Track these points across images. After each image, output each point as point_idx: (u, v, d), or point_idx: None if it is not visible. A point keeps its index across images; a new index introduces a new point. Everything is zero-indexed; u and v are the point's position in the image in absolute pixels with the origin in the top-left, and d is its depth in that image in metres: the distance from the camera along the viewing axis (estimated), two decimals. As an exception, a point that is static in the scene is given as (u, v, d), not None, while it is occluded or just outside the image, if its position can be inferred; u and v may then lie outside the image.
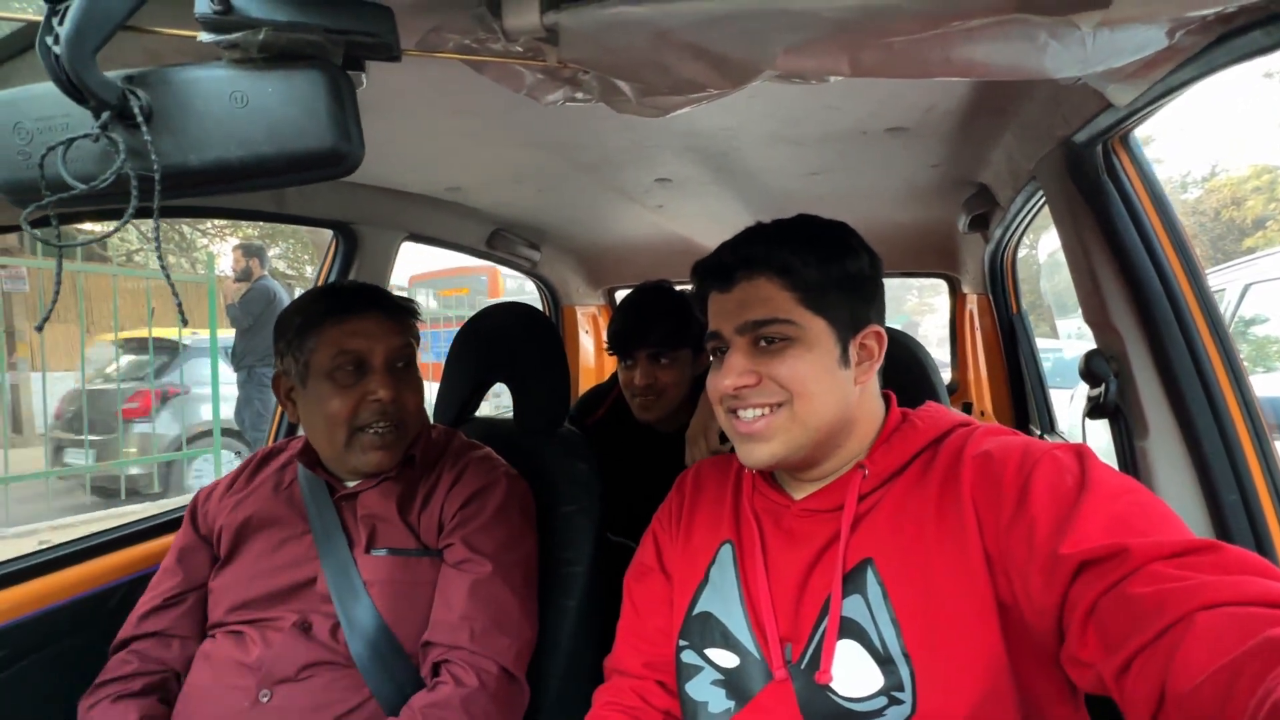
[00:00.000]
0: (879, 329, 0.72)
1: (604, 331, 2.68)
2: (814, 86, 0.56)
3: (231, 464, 4.75)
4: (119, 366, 5.06)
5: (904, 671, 0.60)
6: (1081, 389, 0.96)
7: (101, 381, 5.12)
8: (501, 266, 2.19)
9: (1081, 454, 0.60)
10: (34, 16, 0.42)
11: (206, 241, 10.47)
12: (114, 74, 0.42)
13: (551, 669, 0.99)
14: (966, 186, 1.47)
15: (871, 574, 0.64)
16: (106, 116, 0.41)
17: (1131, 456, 0.89)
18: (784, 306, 0.68)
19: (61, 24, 0.39)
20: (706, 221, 1.77)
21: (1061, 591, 0.53)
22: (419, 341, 1.03)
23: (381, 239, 1.48)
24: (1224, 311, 3.36)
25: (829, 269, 0.69)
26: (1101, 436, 0.97)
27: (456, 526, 0.95)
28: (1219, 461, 0.79)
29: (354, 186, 1.35)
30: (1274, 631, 0.41)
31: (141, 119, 0.42)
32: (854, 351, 0.70)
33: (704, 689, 0.71)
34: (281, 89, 0.43)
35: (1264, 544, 0.76)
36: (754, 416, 0.68)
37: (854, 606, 0.64)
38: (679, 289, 1.51)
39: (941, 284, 2.50)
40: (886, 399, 0.76)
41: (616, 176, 1.40)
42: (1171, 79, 0.58)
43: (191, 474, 4.90)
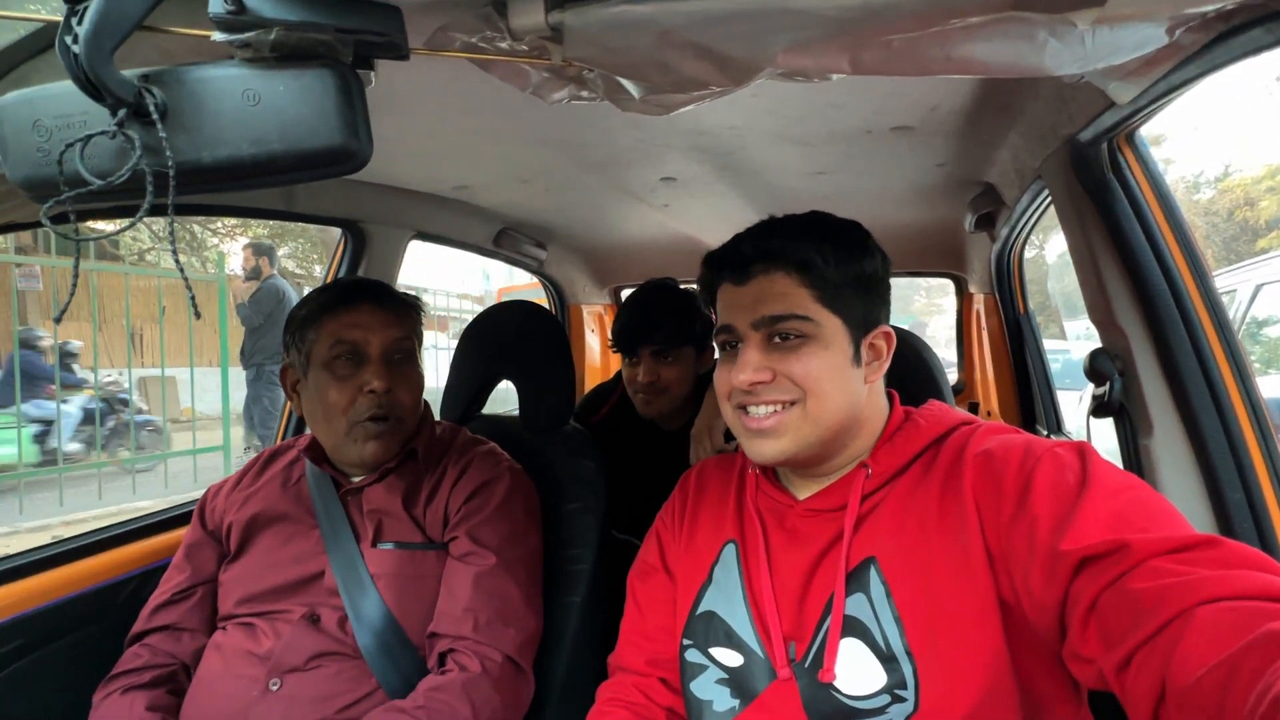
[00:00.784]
0: (888, 329, 0.72)
1: (610, 331, 2.69)
2: (818, 85, 0.57)
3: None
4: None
5: (907, 669, 0.61)
6: (1089, 390, 0.96)
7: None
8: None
9: (1083, 451, 0.60)
10: (52, 17, 0.43)
11: (217, 241, 10.56)
12: (130, 73, 0.43)
13: (555, 664, 0.99)
14: (972, 186, 1.47)
15: (874, 572, 0.64)
16: (123, 114, 0.42)
17: (1136, 455, 0.88)
18: (802, 303, 0.68)
19: (80, 24, 0.40)
20: (712, 221, 1.78)
21: (1063, 588, 0.53)
22: (421, 338, 1.04)
23: (389, 237, 1.49)
24: (1235, 312, 3.33)
25: (847, 268, 0.69)
26: (1108, 437, 0.97)
27: (461, 520, 0.96)
28: (1223, 460, 0.79)
29: (362, 185, 1.37)
30: (1273, 625, 0.41)
31: (157, 116, 0.43)
32: (865, 351, 0.70)
33: (708, 688, 0.71)
34: (292, 87, 0.44)
35: (1268, 542, 0.76)
36: (766, 413, 0.68)
37: (857, 605, 0.64)
38: (684, 287, 1.51)
39: (950, 284, 2.50)
40: (890, 398, 0.76)
41: (623, 175, 1.40)
42: (1173, 77, 0.58)
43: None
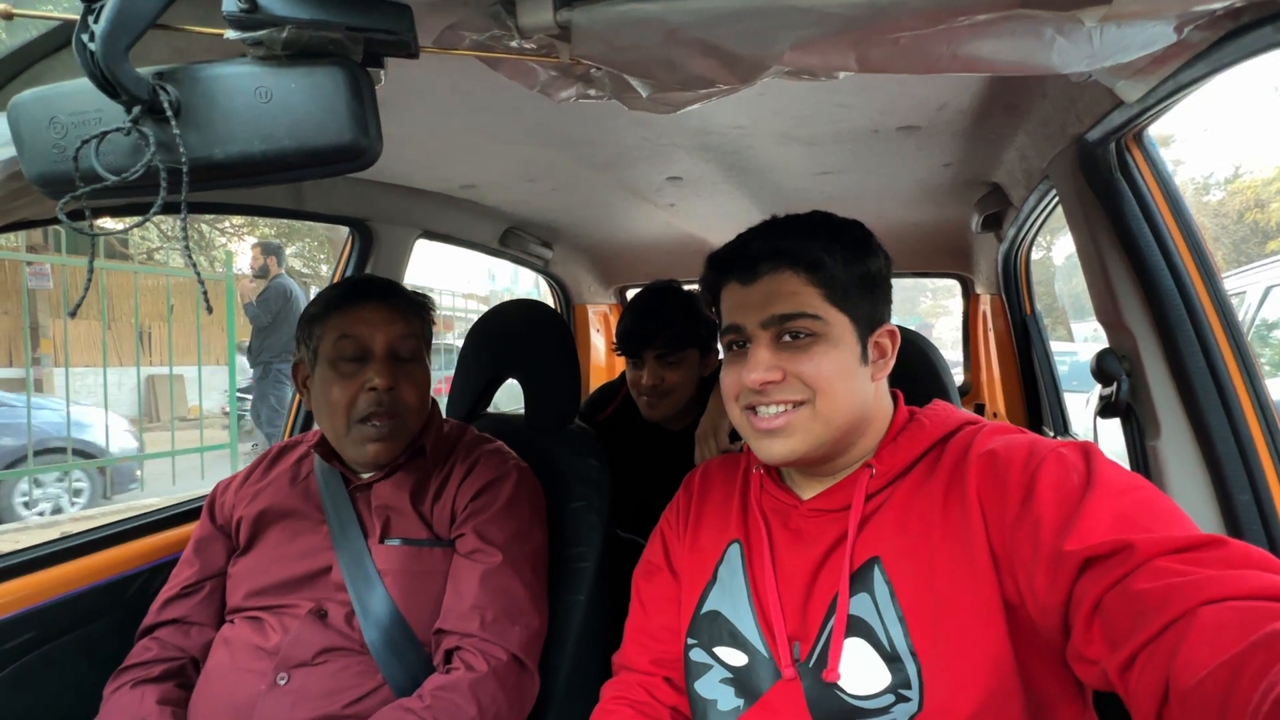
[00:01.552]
0: (892, 328, 0.73)
1: (615, 330, 2.69)
2: (825, 84, 0.57)
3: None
4: None
5: (911, 669, 0.61)
6: (1097, 392, 0.95)
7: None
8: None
9: (1087, 451, 0.60)
10: (68, 15, 0.44)
11: (225, 240, 10.63)
12: (145, 70, 0.44)
13: (560, 663, 1.00)
14: (979, 186, 1.47)
15: (878, 572, 0.64)
16: (138, 111, 0.43)
17: (1143, 456, 0.88)
18: (811, 302, 0.68)
19: (97, 22, 0.40)
20: (718, 220, 1.78)
21: (1066, 588, 0.53)
22: (429, 336, 1.04)
23: (396, 236, 1.50)
24: (1245, 314, 3.30)
25: (853, 267, 0.69)
26: (1116, 440, 0.96)
27: (468, 517, 0.96)
28: (1232, 461, 0.78)
29: (370, 184, 1.37)
30: (1278, 625, 0.41)
31: (171, 113, 0.43)
32: (870, 349, 0.70)
33: (713, 687, 0.71)
34: (304, 85, 0.45)
35: (1276, 544, 0.75)
36: (775, 413, 0.68)
37: (861, 605, 0.64)
38: (687, 289, 1.51)
39: (956, 286, 2.49)
40: (894, 398, 0.76)
41: (629, 175, 1.41)
42: (1182, 75, 0.58)
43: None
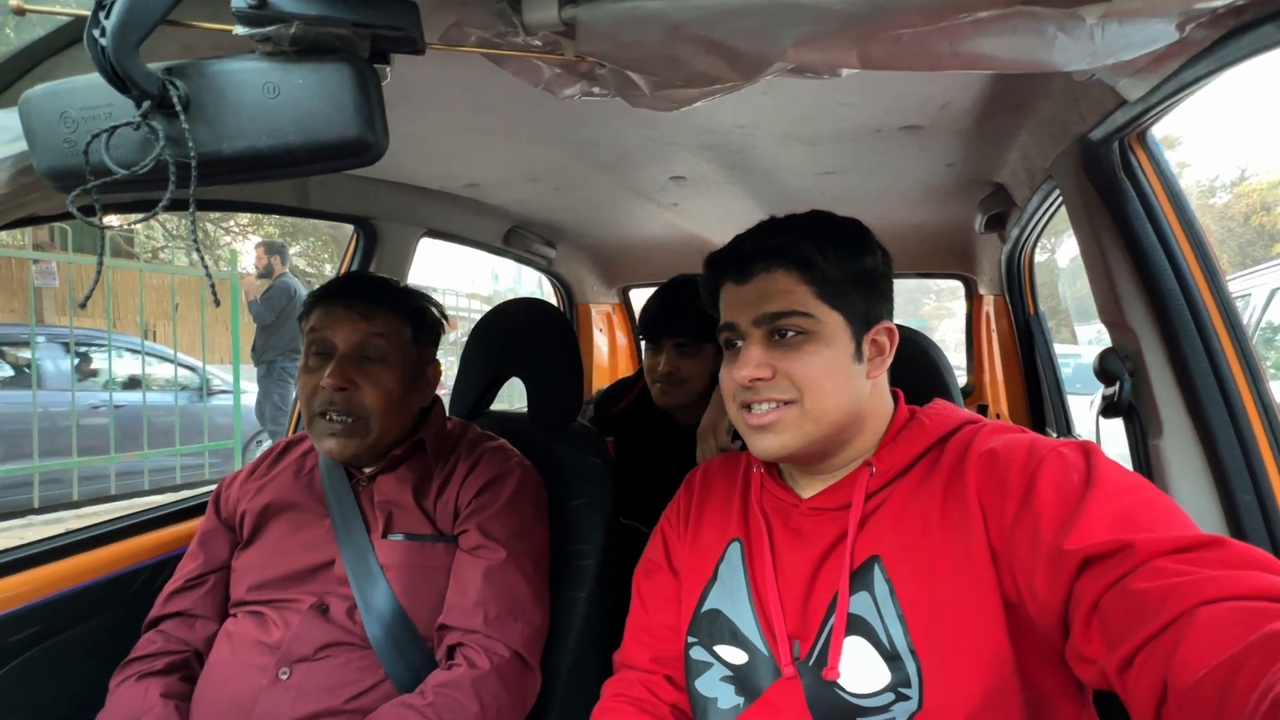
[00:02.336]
0: (890, 325, 0.73)
1: (618, 330, 2.70)
2: (828, 83, 0.57)
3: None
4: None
5: (911, 667, 0.61)
6: (1101, 394, 0.95)
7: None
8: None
9: (1088, 450, 0.60)
10: (79, 11, 0.45)
11: (230, 239, 10.68)
12: (154, 65, 0.44)
13: (561, 659, 1.00)
14: (982, 186, 1.46)
15: (878, 571, 0.65)
16: (147, 106, 0.44)
17: (1145, 455, 0.88)
18: (802, 300, 0.68)
19: (108, 18, 0.41)
20: (721, 220, 1.78)
21: (1066, 588, 0.53)
22: (423, 338, 1.02)
23: (400, 234, 1.50)
24: (1249, 317, 3.28)
25: (847, 264, 0.70)
26: (1120, 442, 0.96)
27: (471, 513, 0.96)
28: (1234, 461, 0.78)
29: (375, 182, 1.38)
30: (1276, 626, 0.41)
31: (180, 108, 0.44)
32: (867, 347, 0.71)
33: (713, 685, 0.71)
34: (311, 80, 0.45)
35: (1279, 545, 0.75)
36: (765, 410, 0.69)
37: (861, 604, 0.64)
38: None
39: (960, 288, 2.49)
40: (895, 396, 0.76)
41: (632, 174, 1.41)
42: (1185, 74, 0.58)
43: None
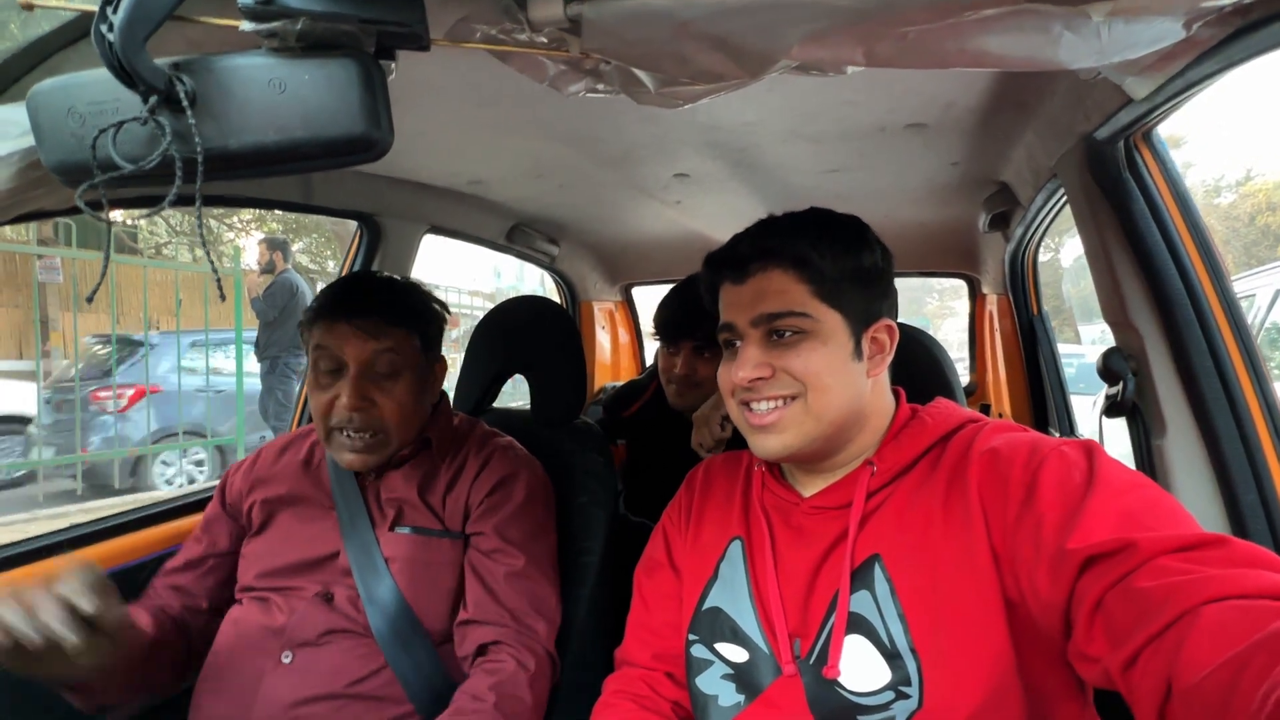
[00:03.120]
0: (890, 323, 0.73)
1: (620, 327, 2.70)
2: (833, 81, 0.57)
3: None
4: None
5: (911, 666, 0.61)
6: (1104, 394, 0.95)
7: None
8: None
9: (1090, 449, 0.60)
10: (87, 6, 0.45)
11: (233, 236, 10.70)
12: (162, 61, 0.44)
13: (563, 655, 1.00)
14: (987, 184, 1.46)
15: (879, 570, 0.65)
16: (154, 101, 0.44)
17: (1149, 455, 0.88)
18: (799, 299, 0.68)
19: (116, 13, 0.41)
20: (724, 218, 1.78)
21: (1068, 587, 0.53)
22: (430, 343, 1.01)
23: (404, 231, 1.51)
24: (1254, 317, 3.27)
25: (844, 262, 0.69)
26: (1124, 442, 0.96)
27: (485, 514, 0.96)
28: (1238, 461, 0.78)
29: (378, 178, 1.38)
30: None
31: (187, 104, 0.44)
32: (866, 344, 0.70)
33: (714, 683, 0.71)
34: (317, 76, 0.45)
35: (1283, 545, 0.75)
36: (767, 409, 0.69)
37: (862, 602, 0.64)
38: None
39: (963, 287, 2.48)
40: (896, 395, 0.76)
41: (636, 172, 1.41)
42: (1191, 73, 0.58)
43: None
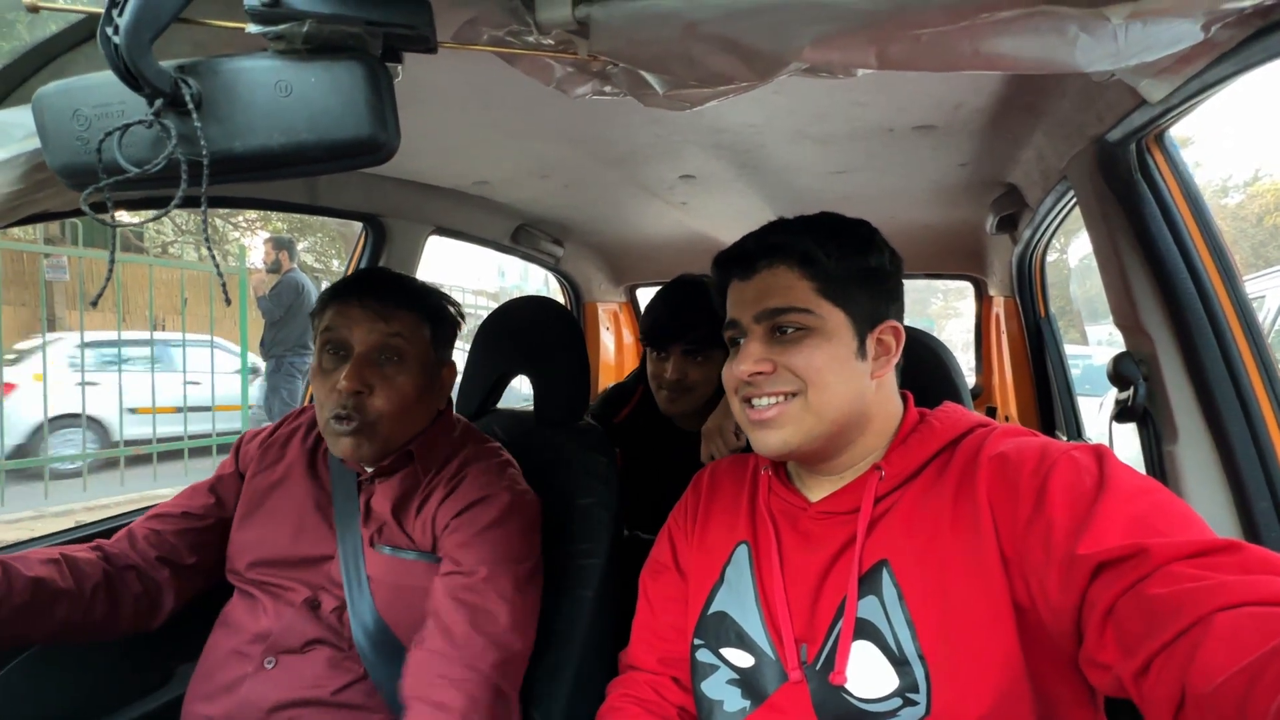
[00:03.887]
0: (897, 325, 0.72)
1: (625, 328, 2.70)
2: (841, 83, 0.57)
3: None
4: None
5: (919, 673, 0.60)
6: (1111, 396, 0.94)
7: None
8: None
9: (1100, 454, 0.59)
10: (92, 9, 0.44)
11: (238, 235, 10.74)
12: (167, 64, 0.44)
13: (567, 659, 1.00)
14: (995, 186, 1.45)
15: (887, 575, 0.64)
16: (160, 104, 0.44)
17: (1160, 461, 0.87)
18: (803, 296, 0.69)
19: (121, 15, 0.41)
20: (730, 219, 1.78)
21: (1079, 593, 0.52)
22: (441, 338, 0.99)
23: (409, 232, 1.51)
24: (1264, 319, 3.24)
25: (850, 261, 0.70)
26: (1131, 445, 0.95)
27: (448, 534, 0.92)
28: (1251, 467, 0.77)
29: (384, 179, 1.38)
30: None
31: (193, 106, 0.44)
32: (871, 345, 0.70)
33: (719, 688, 0.71)
34: (323, 79, 0.45)
35: (1296, 552, 0.74)
36: (767, 404, 0.69)
37: (869, 608, 0.64)
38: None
39: (967, 287, 2.47)
40: (904, 399, 0.75)
41: (641, 172, 1.41)
42: (1207, 75, 0.57)
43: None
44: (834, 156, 1.27)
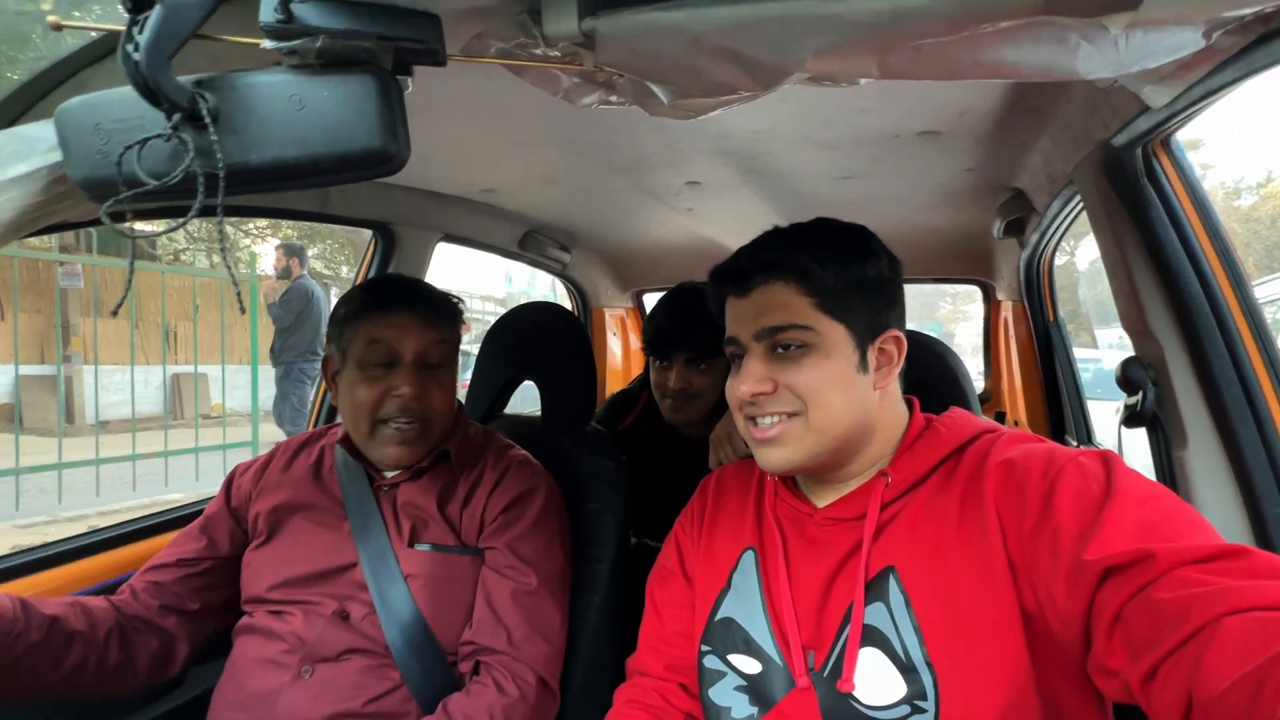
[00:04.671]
0: (898, 333, 0.71)
1: (632, 334, 2.70)
2: (845, 89, 0.57)
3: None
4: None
5: (926, 680, 0.60)
6: (1124, 404, 0.94)
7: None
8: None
9: (1107, 460, 0.59)
10: (114, 26, 0.46)
11: (249, 242, 10.85)
12: (185, 79, 0.45)
13: (573, 664, 1.00)
14: (1001, 191, 1.45)
15: (894, 582, 0.64)
16: (178, 118, 0.45)
17: (1169, 466, 0.86)
18: (801, 312, 0.67)
19: (141, 33, 0.42)
20: (736, 225, 1.78)
21: (1087, 599, 0.52)
22: (458, 341, 1.03)
23: (418, 239, 1.52)
24: (1274, 320, 3.20)
25: (847, 272, 0.68)
26: (1143, 450, 0.95)
27: (499, 530, 0.96)
28: (1261, 473, 0.77)
29: (393, 188, 1.40)
30: None
31: (209, 120, 0.45)
32: (872, 356, 0.69)
33: (727, 694, 0.71)
34: (336, 92, 0.46)
35: (1308, 559, 0.73)
36: (770, 423, 0.68)
37: (876, 614, 0.64)
38: None
39: (976, 291, 2.46)
40: (910, 404, 0.75)
41: (647, 179, 1.41)
42: (1211, 80, 0.57)
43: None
44: (839, 162, 1.28)
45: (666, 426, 1.44)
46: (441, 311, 0.99)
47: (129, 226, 0.47)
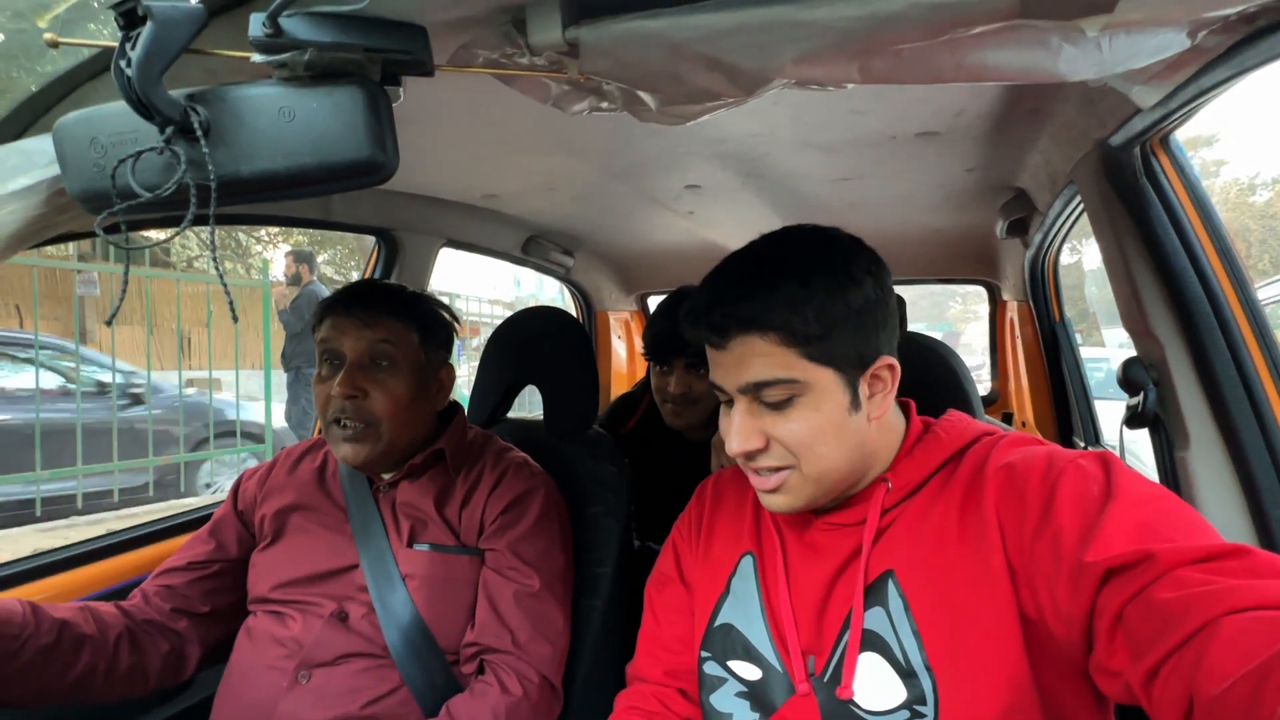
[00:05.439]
0: (891, 360, 0.67)
1: (636, 337, 2.70)
2: (840, 92, 0.57)
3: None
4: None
5: (926, 684, 0.60)
6: (1125, 405, 0.93)
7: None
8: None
9: (1107, 461, 0.59)
10: (109, 43, 0.47)
11: (261, 248, 10.97)
12: (177, 93, 0.47)
13: (575, 668, 1.00)
14: (1004, 191, 1.44)
15: (893, 586, 0.64)
16: (170, 131, 0.46)
17: (1172, 467, 0.86)
18: (785, 363, 0.63)
19: (134, 49, 0.43)
20: (737, 227, 1.78)
21: (1089, 600, 0.52)
22: (435, 341, 1.01)
23: (421, 245, 1.53)
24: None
25: (829, 311, 0.62)
26: (1148, 451, 0.94)
27: (499, 531, 0.96)
28: (1264, 473, 0.76)
29: (395, 194, 1.41)
30: None
31: (201, 133, 0.46)
32: (864, 387, 0.66)
33: (727, 700, 0.71)
34: (325, 104, 0.47)
35: (1312, 560, 0.72)
36: (766, 475, 0.67)
37: (876, 619, 0.63)
38: None
39: (985, 290, 2.44)
40: (905, 407, 0.74)
41: (647, 183, 1.42)
42: (1203, 80, 0.57)
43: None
44: (839, 164, 1.28)
45: (670, 429, 1.44)
46: (386, 309, 0.97)
47: (124, 237, 0.48)
